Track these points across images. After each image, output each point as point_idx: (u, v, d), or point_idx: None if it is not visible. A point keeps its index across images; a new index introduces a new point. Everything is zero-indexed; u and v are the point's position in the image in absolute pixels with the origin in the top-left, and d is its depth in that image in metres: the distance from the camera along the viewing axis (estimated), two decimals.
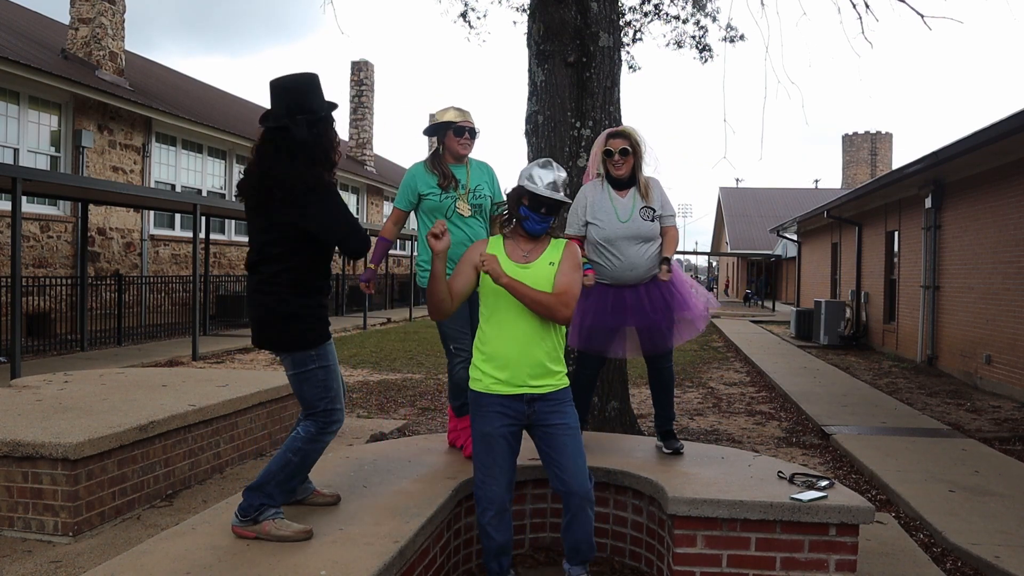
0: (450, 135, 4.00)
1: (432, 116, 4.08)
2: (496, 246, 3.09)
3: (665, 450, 4.00)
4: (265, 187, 2.82)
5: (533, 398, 2.99)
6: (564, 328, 3.11)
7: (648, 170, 4.06)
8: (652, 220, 3.94)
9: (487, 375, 3.00)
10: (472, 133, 4.03)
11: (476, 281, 3.04)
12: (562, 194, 3.03)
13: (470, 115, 4.06)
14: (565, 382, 3.08)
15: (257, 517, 2.78)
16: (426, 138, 4.16)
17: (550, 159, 3.16)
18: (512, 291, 2.91)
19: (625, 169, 3.95)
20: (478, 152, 4.18)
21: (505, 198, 3.14)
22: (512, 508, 3.12)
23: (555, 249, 3.10)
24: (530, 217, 3.02)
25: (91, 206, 12.46)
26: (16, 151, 11.90)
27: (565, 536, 3.06)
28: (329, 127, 2.94)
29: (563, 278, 3.02)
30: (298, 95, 2.87)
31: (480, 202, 4.03)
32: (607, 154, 3.96)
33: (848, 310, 16.17)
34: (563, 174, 3.09)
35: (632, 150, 3.93)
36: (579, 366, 4.16)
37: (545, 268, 3.03)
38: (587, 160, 5.70)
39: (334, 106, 2.98)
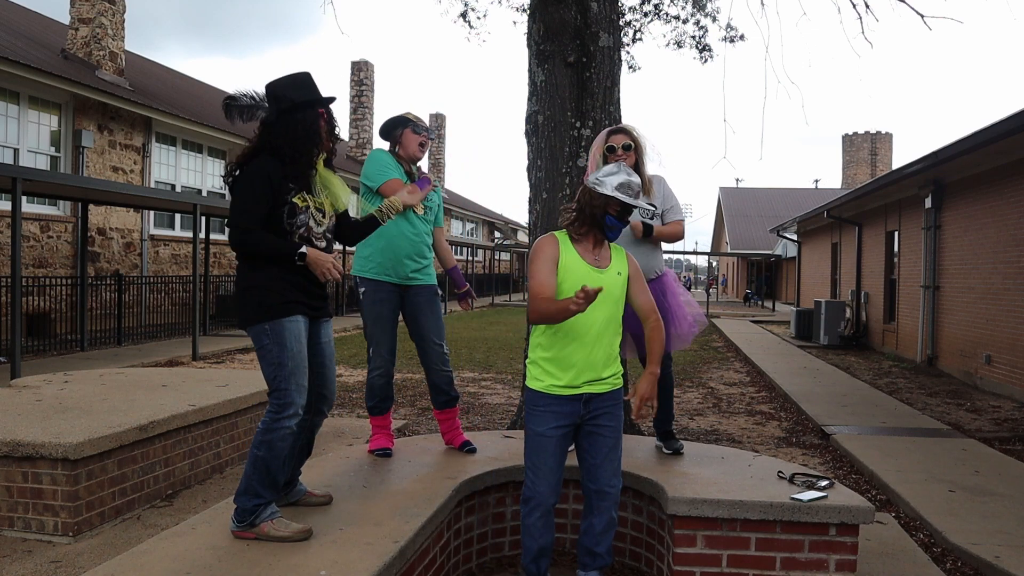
0: (408, 132, 3.97)
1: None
2: (566, 242, 3.03)
3: (665, 450, 4.00)
4: (238, 165, 2.96)
5: (591, 397, 2.99)
6: (622, 328, 3.12)
7: (652, 167, 4.02)
8: (652, 218, 3.92)
9: (549, 375, 2.98)
10: (429, 135, 4.03)
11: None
12: (642, 200, 3.04)
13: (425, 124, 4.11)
14: (620, 382, 3.08)
15: (254, 520, 2.77)
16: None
17: (620, 163, 3.08)
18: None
19: (628, 164, 3.90)
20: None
21: (575, 205, 3.07)
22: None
23: (619, 258, 3.10)
24: (616, 225, 3.00)
25: (91, 206, 12.46)
26: (16, 151, 11.90)
27: (585, 538, 3.04)
28: (300, 116, 2.91)
29: (646, 296, 3.10)
30: (278, 89, 2.95)
31: (430, 205, 4.06)
32: (609, 150, 3.92)
33: (848, 310, 16.17)
34: (637, 178, 3.05)
35: (634, 146, 3.90)
36: None
37: (615, 277, 3.03)
38: (587, 160, 5.70)
39: (315, 99, 2.95)
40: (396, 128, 4.00)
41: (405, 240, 3.92)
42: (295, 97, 2.91)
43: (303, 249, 2.83)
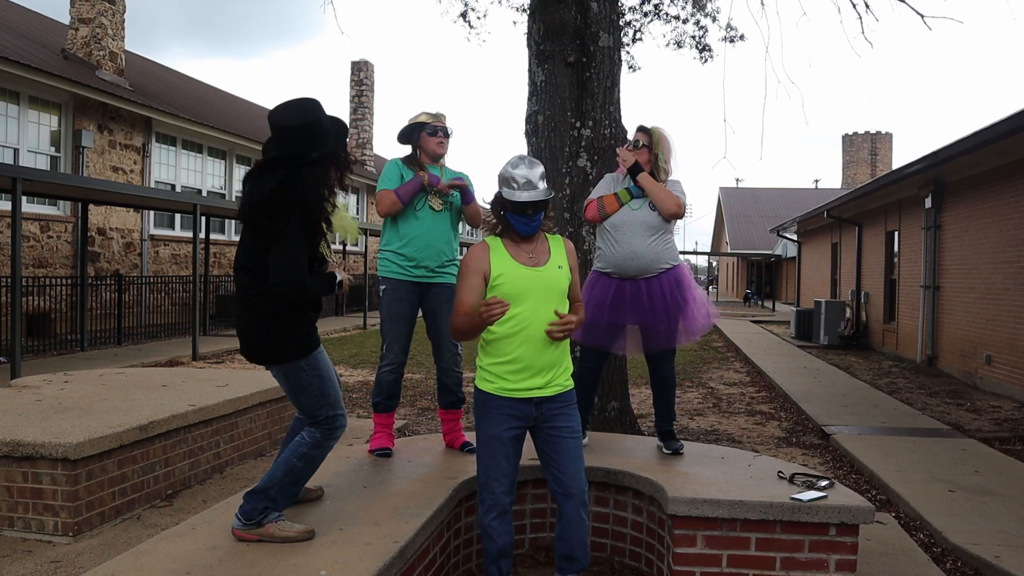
0: (424, 136, 4.05)
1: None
2: (497, 247, 3.01)
3: (665, 450, 4.00)
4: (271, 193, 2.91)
5: (542, 400, 2.96)
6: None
7: (670, 175, 4.06)
8: (655, 209, 3.92)
9: (499, 377, 2.95)
10: (445, 132, 4.08)
11: (485, 287, 2.97)
12: (542, 188, 2.95)
13: (444, 117, 4.12)
14: (571, 383, 3.06)
15: (261, 520, 2.79)
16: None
17: (524, 155, 3.06)
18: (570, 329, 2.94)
19: (641, 159, 3.99)
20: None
21: (488, 206, 3.08)
22: (513, 510, 3.10)
23: (558, 249, 3.07)
24: (518, 223, 2.97)
25: (91, 206, 12.46)
26: (16, 151, 11.89)
27: (560, 543, 3.01)
28: (322, 169, 2.90)
29: (577, 288, 3.10)
30: (296, 138, 2.86)
31: (453, 200, 4.08)
32: (634, 143, 4.04)
33: (848, 310, 16.16)
34: (539, 168, 3.00)
35: (649, 146, 3.97)
36: (581, 362, 4.15)
37: (556, 272, 3.00)
38: (587, 160, 5.71)
39: (331, 151, 2.92)
40: (413, 133, 4.07)
41: (425, 240, 3.97)
42: (310, 151, 2.80)
43: (339, 278, 2.93)
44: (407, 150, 4.17)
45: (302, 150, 2.78)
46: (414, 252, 3.96)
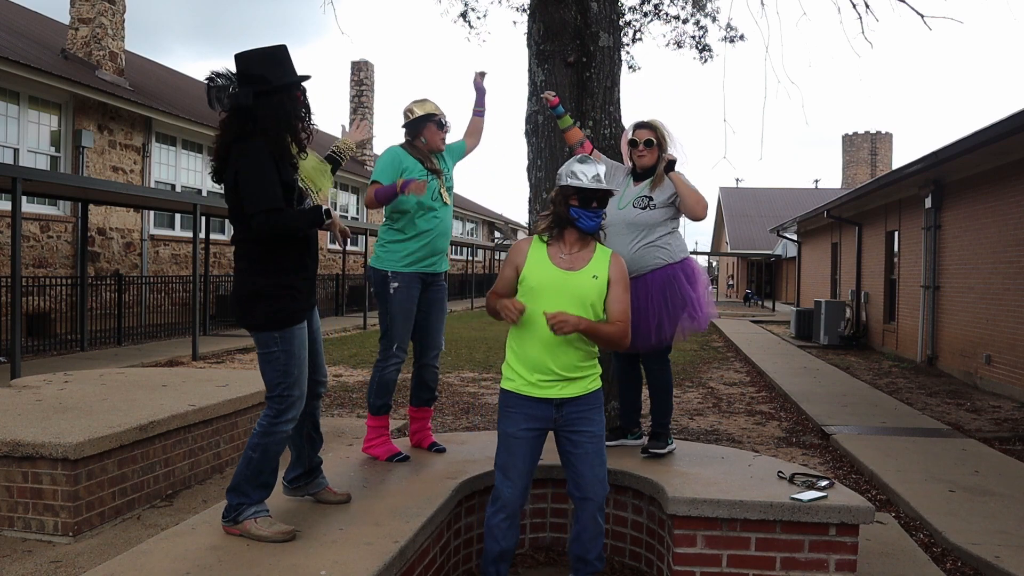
0: (432, 128, 4.05)
1: (411, 110, 4.09)
2: (539, 245, 3.02)
3: (641, 452, 3.93)
4: (219, 157, 2.84)
5: (562, 402, 2.94)
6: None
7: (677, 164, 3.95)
8: (645, 208, 3.81)
9: (520, 376, 2.95)
10: (447, 128, 4.15)
11: (517, 280, 3.01)
12: (605, 184, 2.99)
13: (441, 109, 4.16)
14: (596, 385, 3.02)
15: (236, 517, 2.79)
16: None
17: (586, 155, 3.09)
18: (588, 333, 2.87)
19: (648, 159, 3.92)
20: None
21: (550, 206, 3.05)
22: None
23: (601, 260, 3.00)
24: (582, 215, 2.95)
25: (91, 206, 12.46)
26: (16, 151, 11.89)
27: (574, 546, 3.02)
28: (279, 99, 2.80)
29: (619, 305, 2.96)
30: (251, 65, 2.80)
31: (450, 185, 4.13)
32: (632, 144, 3.96)
33: (848, 310, 16.17)
34: (603, 167, 3.07)
35: (657, 143, 3.91)
36: (613, 361, 4.09)
37: (589, 281, 2.94)
38: None
39: (296, 78, 2.84)
40: (422, 123, 4.05)
41: (437, 232, 3.97)
42: (273, 79, 2.77)
43: (327, 207, 2.85)
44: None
45: (270, 75, 2.77)
46: (435, 247, 3.97)
